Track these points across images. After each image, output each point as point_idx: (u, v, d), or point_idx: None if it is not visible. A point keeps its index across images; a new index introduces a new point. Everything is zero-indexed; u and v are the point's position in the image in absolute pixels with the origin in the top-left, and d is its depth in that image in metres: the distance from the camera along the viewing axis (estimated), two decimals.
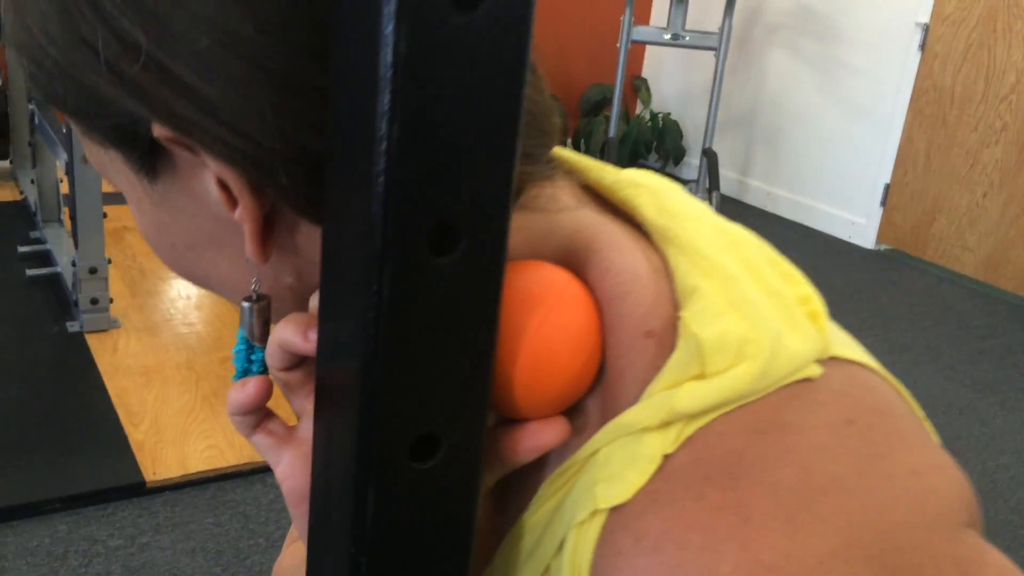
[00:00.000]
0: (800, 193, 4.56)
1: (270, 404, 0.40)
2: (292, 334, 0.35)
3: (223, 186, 0.36)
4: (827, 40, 4.34)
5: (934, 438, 0.40)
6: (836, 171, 4.36)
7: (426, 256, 0.27)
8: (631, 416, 0.34)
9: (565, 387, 0.35)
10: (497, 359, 0.33)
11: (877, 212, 4.20)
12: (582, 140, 5.05)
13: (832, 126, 4.37)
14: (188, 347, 2.49)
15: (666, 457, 0.33)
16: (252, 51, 0.32)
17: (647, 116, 5.20)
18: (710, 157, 4.37)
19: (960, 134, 3.87)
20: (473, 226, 0.28)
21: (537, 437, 0.35)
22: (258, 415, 0.39)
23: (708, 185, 4.31)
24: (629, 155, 5.02)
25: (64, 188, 2.80)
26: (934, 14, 3.89)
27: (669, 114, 5.18)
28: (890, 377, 0.40)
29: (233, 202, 0.36)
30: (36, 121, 3.03)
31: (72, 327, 2.51)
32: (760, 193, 4.76)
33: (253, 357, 0.40)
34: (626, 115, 5.07)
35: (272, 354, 0.37)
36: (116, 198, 3.26)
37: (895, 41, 4.04)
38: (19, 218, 3.30)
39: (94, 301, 2.50)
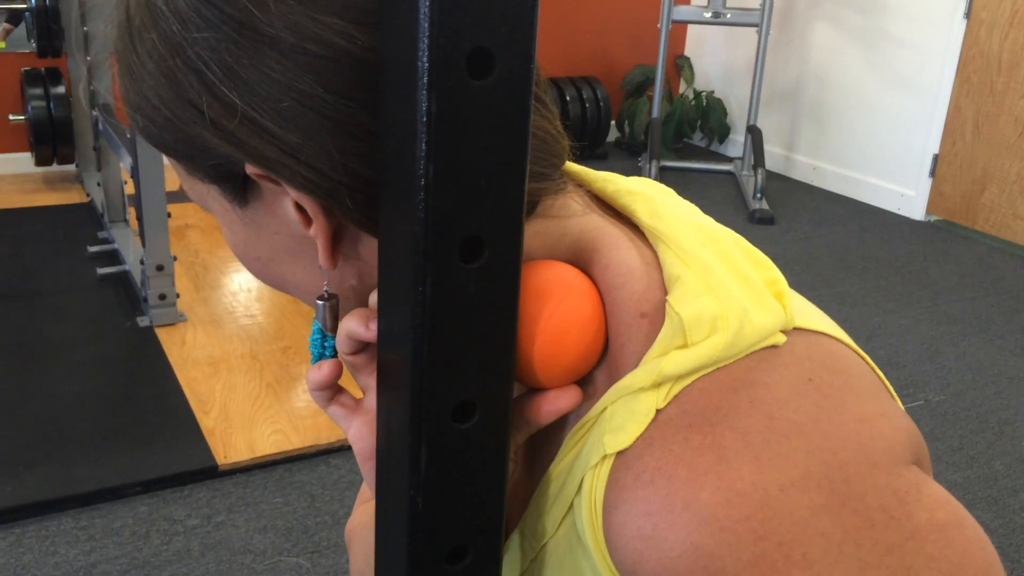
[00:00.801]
0: (847, 166, 4.54)
1: (341, 382, 0.49)
2: (357, 325, 0.44)
3: (300, 209, 0.45)
4: (870, 12, 4.31)
5: (892, 394, 0.47)
6: (883, 143, 4.34)
7: (458, 264, 0.36)
8: (630, 380, 0.43)
9: (575, 361, 0.44)
10: (519, 340, 0.41)
11: (926, 183, 4.17)
12: (626, 122, 5.09)
13: (878, 98, 4.34)
14: (251, 337, 2.62)
15: (658, 411, 0.42)
16: (322, 107, 0.41)
17: (691, 95, 5.21)
18: (754, 134, 4.38)
19: (1009, 101, 3.83)
20: (493, 239, 0.36)
21: (555, 402, 0.44)
22: (332, 390, 0.49)
23: (753, 162, 4.32)
24: (673, 134, 5.04)
25: (129, 189, 2.95)
26: None
27: (712, 92, 5.19)
28: (852, 343, 0.47)
29: (308, 221, 0.46)
30: (100, 126, 3.18)
31: (142, 322, 2.65)
32: (807, 168, 4.76)
33: (326, 344, 0.49)
34: (669, 95, 5.09)
35: (341, 341, 0.46)
36: (179, 197, 3.40)
37: (940, 10, 4.00)
38: (87, 219, 3.46)
39: (162, 297, 2.63)
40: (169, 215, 2.62)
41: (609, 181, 0.51)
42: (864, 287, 3.37)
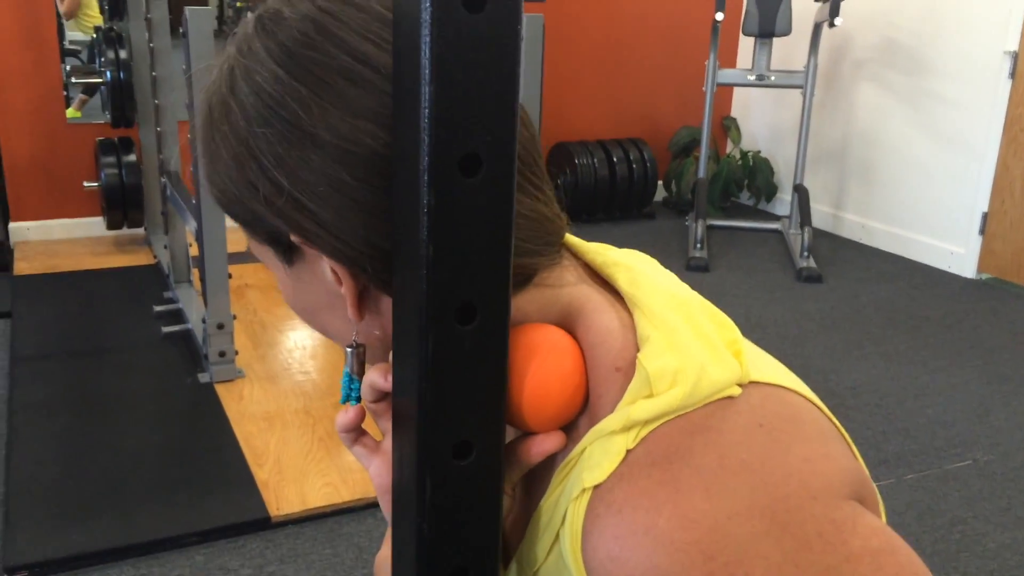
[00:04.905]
0: (896, 225, 4.54)
1: (364, 427, 0.57)
2: (377, 377, 0.53)
3: (333, 271, 0.54)
4: (916, 73, 4.35)
5: (847, 440, 0.53)
6: (932, 201, 4.35)
7: (455, 326, 0.43)
8: (605, 424, 0.50)
9: (560, 409, 0.51)
10: (512, 391, 0.49)
11: (976, 241, 4.16)
12: (673, 182, 5.17)
13: (925, 157, 4.36)
14: (305, 393, 2.72)
15: (628, 451, 0.49)
16: (351, 191, 0.51)
17: (737, 155, 5.28)
18: (801, 193, 4.42)
19: None
20: (485, 306, 0.43)
21: (542, 445, 0.52)
22: (356, 433, 0.58)
23: (800, 220, 4.36)
24: (720, 194, 5.10)
25: (193, 251, 3.09)
26: (1023, 42, 3.88)
27: (759, 152, 5.25)
28: (809, 394, 0.54)
29: (340, 281, 0.55)
30: (167, 192, 3.36)
31: (203, 378, 2.77)
32: (855, 226, 4.77)
33: (353, 386, 0.57)
34: (716, 155, 5.16)
35: (364, 391, 0.54)
36: (240, 259, 3.56)
37: (985, 70, 4.03)
38: (153, 280, 3.63)
39: (222, 354, 2.75)
40: (230, 276, 2.75)
41: (599, 253, 0.59)
42: (913, 345, 3.36)
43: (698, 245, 4.26)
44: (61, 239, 4.14)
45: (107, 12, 3.93)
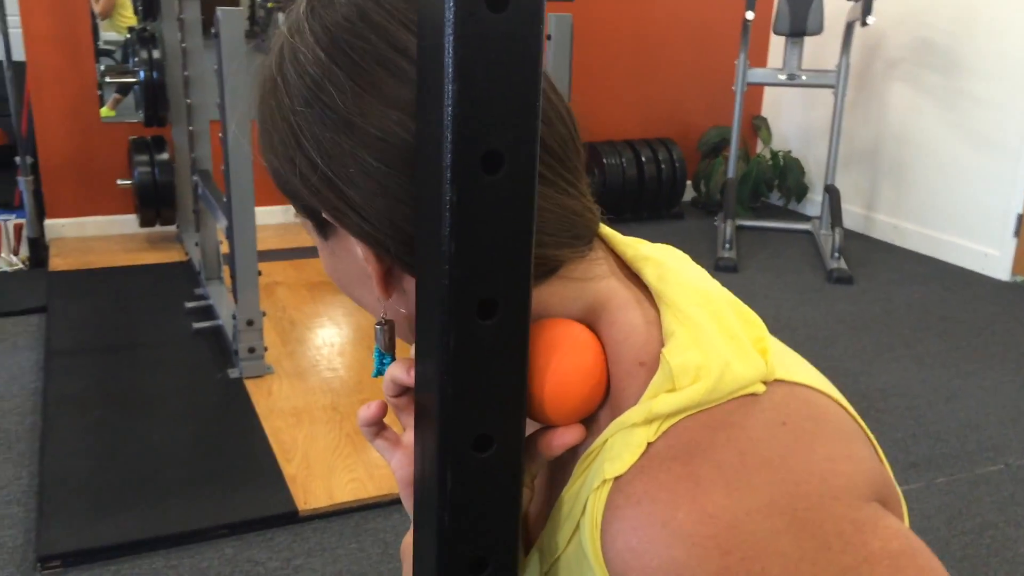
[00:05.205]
0: (929, 226, 4.49)
1: (386, 422, 0.58)
2: (399, 372, 0.54)
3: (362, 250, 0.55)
4: (949, 72, 4.30)
5: (872, 442, 0.53)
6: (965, 202, 4.29)
7: (476, 321, 0.44)
8: (627, 416, 0.51)
9: (580, 403, 0.51)
10: (533, 385, 0.49)
11: (1011, 243, 4.10)
12: (702, 182, 5.14)
13: (959, 157, 4.30)
14: (332, 390, 2.74)
15: (649, 443, 0.49)
16: (379, 177, 0.52)
17: (767, 155, 5.24)
18: (832, 193, 4.38)
19: None
20: (505, 300, 0.44)
21: (563, 437, 0.52)
22: (379, 426, 0.59)
23: (831, 221, 4.32)
24: (750, 194, 5.07)
25: (224, 249, 3.13)
26: None
27: (790, 152, 5.21)
28: (835, 394, 0.53)
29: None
30: (199, 190, 3.40)
31: (233, 374, 2.80)
32: (887, 227, 4.72)
33: (384, 361, 0.59)
34: (746, 155, 5.13)
35: (386, 386, 0.55)
36: (269, 256, 3.60)
37: (1019, 70, 3.97)
38: (185, 277, 3.68)
39: (251, 350, 2.79)
40: (260, 273, 2.78)
41: (629, 247, 0.59)
42: (945, 348, 3.32)
43: (727, 245, 4.24)
44: (95, 236, 4.21)
45: (141, 13, 3.99)
